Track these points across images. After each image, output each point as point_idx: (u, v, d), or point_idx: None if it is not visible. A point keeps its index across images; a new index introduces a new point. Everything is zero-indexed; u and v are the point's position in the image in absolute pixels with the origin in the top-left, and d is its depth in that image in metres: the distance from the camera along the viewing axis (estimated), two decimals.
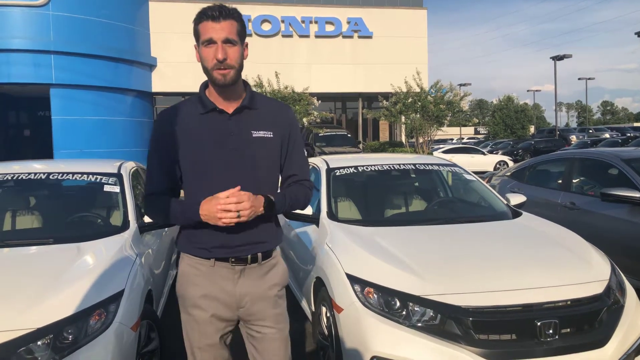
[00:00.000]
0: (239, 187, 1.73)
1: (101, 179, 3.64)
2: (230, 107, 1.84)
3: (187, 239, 1.90)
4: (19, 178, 3.65)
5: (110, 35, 15.55)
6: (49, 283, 2.48)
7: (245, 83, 1.91)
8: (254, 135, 1.84)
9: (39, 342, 2.19)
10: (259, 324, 1.92)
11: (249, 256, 1.87)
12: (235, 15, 1.77)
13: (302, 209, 2.03)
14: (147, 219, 3.34)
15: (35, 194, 3.89)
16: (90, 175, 3.67)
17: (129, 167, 3.99)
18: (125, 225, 3.31)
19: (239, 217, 1.71)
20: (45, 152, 15.27)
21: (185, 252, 1.92)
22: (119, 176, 3.69)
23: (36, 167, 3.84)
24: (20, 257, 2.90)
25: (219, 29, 1.72)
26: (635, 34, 29.45)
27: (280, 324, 1.96)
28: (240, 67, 1.80)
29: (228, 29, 1.73)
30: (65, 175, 3.67)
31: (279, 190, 1.95)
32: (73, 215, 3.57)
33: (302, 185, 1.97)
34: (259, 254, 1.89)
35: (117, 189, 3.58)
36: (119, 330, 2.41)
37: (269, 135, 1.87)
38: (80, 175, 3.67)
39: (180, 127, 1.83)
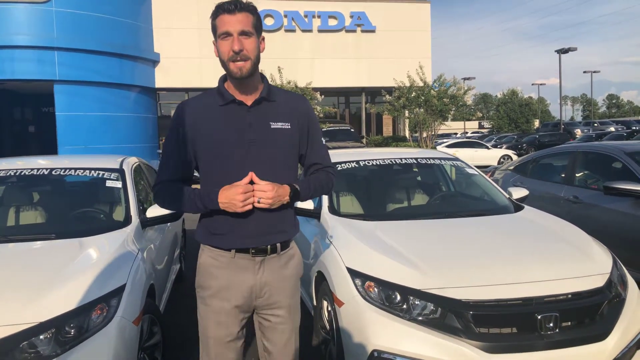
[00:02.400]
0: (252, 174, 1.79)
1: (103, 174, 3.66)
2: (249, 99, 1.88)
3: (206, 230, 1.93)
4: (22, 174, 3.67)
5: (113, 31, 15.57)
6: (51, 278, 2.49)
7: (263, 76, 1.95)
8: (272, 127, 1.88)
9: (41, 336, 2.21)
10: (274, 312, 1.95)
11: (269, 247, 1.90)
12: (250, 9, 1.82)
13: (327, 194, 2.10)
14: (149, 214, 3.35)
15: (38, 189, 3.91)
16: (93, 171, 3.69)
17: (131, 162, 4.00)
18: (127, 221, 3.32)
19: (258, 202, 1.78)
20: (49, 148, 15.35)
21: (205, 244, 1.95)
22: (121, 172, 3.70)
23: (39, 163, 3.86)
24: (23, 252, 2.92)
25: (234, 22, 1.77)
26: None
27: (293, 315, 2.01)
28: (257, 59, 1.84)
29: (244, 21, 1.78)
30: (67, 170, 3.69)
31: (299, 179, 1.98)
32: (75, 210, 3.60)
33: (326, 172, 2.03)
34: (278, 245, 1.92)
35: (119, 184, 3.60)
36: (121, 324, 2.43)
37: (287, 127, 1.91)
38: (82, 171, 3.69)
39: (199, 118, 1.87)
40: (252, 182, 1.81)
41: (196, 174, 1.99)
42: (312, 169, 2.03)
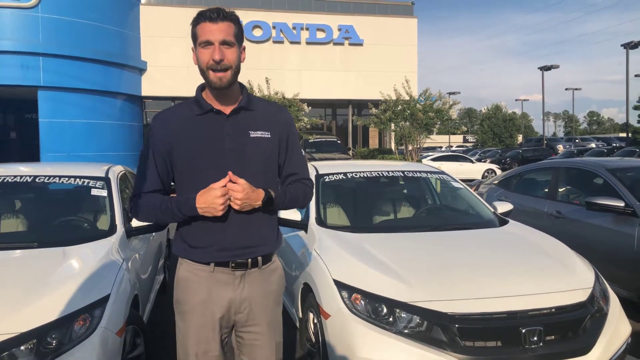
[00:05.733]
0: (230, 174, 1.74)
1: (88, 182, 3.61)
2: (227, 109, 1.85)
3: (185, 242, 1.87)
4: (4, 181, 3.60)
5: (100, 38, 15.46)
6: (33, 287, 2.45)
7: (242, 85, 1.92)
8: (251, 136, 1.85)
9: (22, 347, 2.17)
10: (253, 329, 1.90)
11: (250, 260, 1.85)
12: (232, 18, 1.80)
13: (302, 207, 2.05)
14: (134, 223, 3.31)
15: (21, 197, 3.84)
16: (78, 179, 3.64)
17: (117, 171, 3.96)
18: (112, 230, 3.28)
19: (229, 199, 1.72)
20: (31, 155, 15.10)
21: (183, 257, 1.90)
22: (106, 180, 3.66)
23: (22, 170, 3.80)
24: (3, 261, 2.86)
25: (216, 31, 1.75)
26: (622, 45, 29.93)
27: (274, 331, 1.95)
28: (237, 69, 1.82)
29: (225, 30, 1.76)
30: (51, 178, 3.63)
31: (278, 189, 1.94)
32: (59, 219, 3.53)
33: (303, 184, 1.98)
34: (259, 258, 1.88)
35: (104, 192, 3.55)
36: (104, 335, 2.39)
37: (267, 136, 1.87)
38: (67, 179, 3.63)
39: (176, 128, 1.83)
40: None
41: (173, 184, 1.93)
42: (289, 179, 1.97)
